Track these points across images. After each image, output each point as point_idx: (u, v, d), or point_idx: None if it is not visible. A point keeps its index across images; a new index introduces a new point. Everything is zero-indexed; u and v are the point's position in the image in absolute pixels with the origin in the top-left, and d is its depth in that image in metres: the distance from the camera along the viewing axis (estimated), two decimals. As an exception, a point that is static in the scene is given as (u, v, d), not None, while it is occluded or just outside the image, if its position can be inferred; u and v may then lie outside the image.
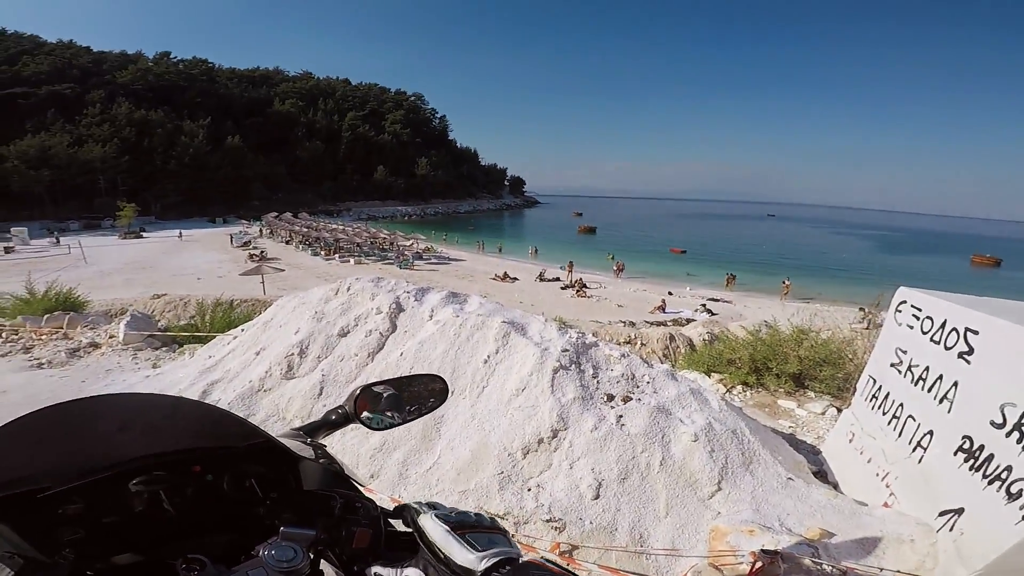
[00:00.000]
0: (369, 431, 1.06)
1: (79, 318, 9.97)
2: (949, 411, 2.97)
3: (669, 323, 16.77)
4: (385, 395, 1.07)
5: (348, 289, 5.37)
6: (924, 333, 3.37)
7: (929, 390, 3.18)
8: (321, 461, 0.93)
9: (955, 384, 2.98)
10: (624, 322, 15.71)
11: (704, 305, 23.07)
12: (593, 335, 10.81)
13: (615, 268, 34.14)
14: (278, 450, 0.89)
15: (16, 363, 7.13)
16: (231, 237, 42.86)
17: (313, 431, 1.01)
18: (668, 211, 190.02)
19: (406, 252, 35.13)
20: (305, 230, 43.16)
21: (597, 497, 3.17)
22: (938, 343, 3.20)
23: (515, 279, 28.46)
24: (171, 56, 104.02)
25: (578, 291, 25.61)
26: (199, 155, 75.65)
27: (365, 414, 1.03)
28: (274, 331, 5.32)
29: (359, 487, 0.92)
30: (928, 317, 3.38)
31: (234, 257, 32.52)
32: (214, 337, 7.08)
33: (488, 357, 4.22)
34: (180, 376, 5.82)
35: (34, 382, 6.31)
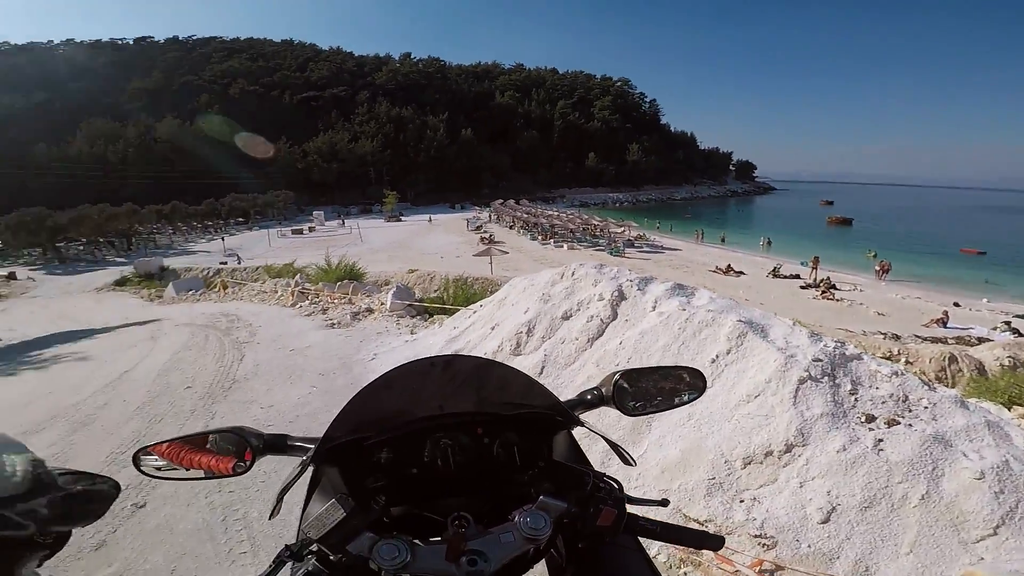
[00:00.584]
0: (599, 416, 1.06)
1: (360, 287, 12.50)
2: None
3: (950, 340, 13.43)
4: (642, 381, 1.08)
5: (573, 274, 5.61)
6: None
7: None
8: (573, 436, 0.96)
9: None
10: (885, 334, 13.11)
11: (1008, 323, 17.77)
12: (855, 347, 9.30)
13: (877, 268, 28.20)
14: (549, 421, 0.94)
15: (317, 322, 9.18)
16: (467, 222, 48.37)
17: (571, 408, 1.03)
18: (959, 203, 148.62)
19: (617, 239, 35.00)
20: (525, 216, 46.16)
21: (826, 521, 2.84)
22: None
23: (741, 273, 25.90)
24: (411, 56, 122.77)
25: (823, 292, 22.05)
26: (441, 148, 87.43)
27: (621, 397, 1.04)
28: (507, 309, 5.89)
29: (627, 457, 0.92)
30: None
31: (468, 240, 36.68)
32: (456, 310, 8.16)
33: (717, 357, 3.99)
34: (431, 343, 6.84)
35: (329, 339, 7.97)
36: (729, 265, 26.84)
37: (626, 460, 0.92)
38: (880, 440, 3.11)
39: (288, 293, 12.46)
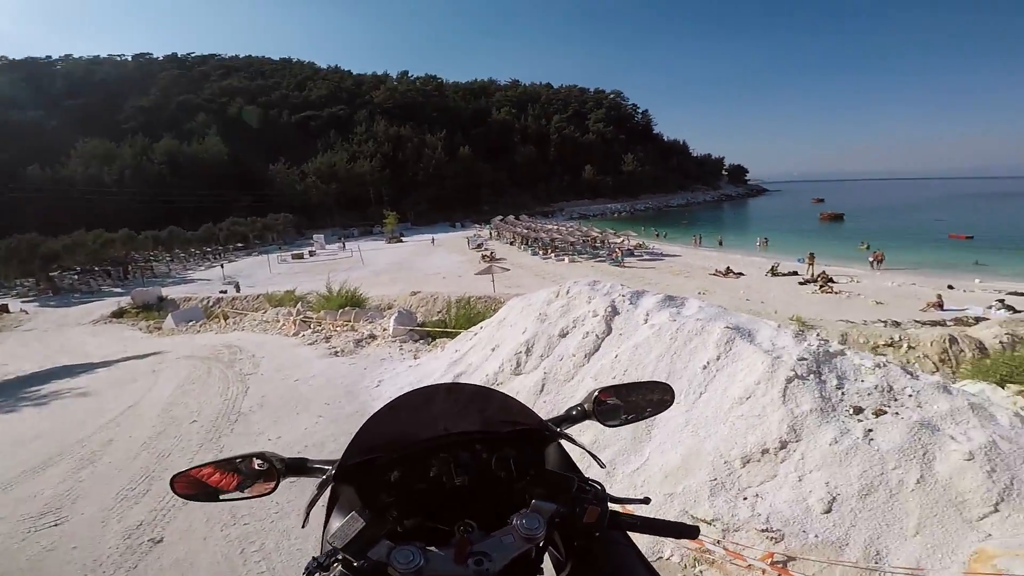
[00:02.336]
0: (581, 431, 1.20)
1: (362, 313, 12.51)
2: None
3: (949, 322, 13.50)
4: (619, 396, 1.19)
5: (567, 292, 5.75)
6: None
7: None
8: (563, 447, 1.07)
9: None
10: (885, 322, 13.20)
11: (1002, 300, 17.84)
12: (842, 337, 9.37)
13: (871, 259, 28.71)
14: (538, 436, 1.06)
15: (320, 351, 9.20)
16: (468, 240, 47.78)
17: (559, 423, 1.14)
18: (943, 192, 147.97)
19: (617, 249, 35.08)
20: (525, 231, 46.00)
21: (828, 511, 2.93)
22: None
23: (740, 274, 25.93)
24: (409, 74, 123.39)
25: (822, 286, 22.16)
26: (440, 165, 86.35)
27: (600, 412, 1.14)
28: (506, 330, 6.01)
29: (599, 461, 1.04)
30: None
31: (470, 258, 36.49)
32: (458, 333, 8.28)
33: (707, 363, 4.11)
34: (434, 367, 6.90)
35: (333, 367, 8.03)
36: (728, 267, 26.92)
37: (599, 464, 1.05)
38: (870, 430, 3.22)
39: (290, 322, 12.53)
